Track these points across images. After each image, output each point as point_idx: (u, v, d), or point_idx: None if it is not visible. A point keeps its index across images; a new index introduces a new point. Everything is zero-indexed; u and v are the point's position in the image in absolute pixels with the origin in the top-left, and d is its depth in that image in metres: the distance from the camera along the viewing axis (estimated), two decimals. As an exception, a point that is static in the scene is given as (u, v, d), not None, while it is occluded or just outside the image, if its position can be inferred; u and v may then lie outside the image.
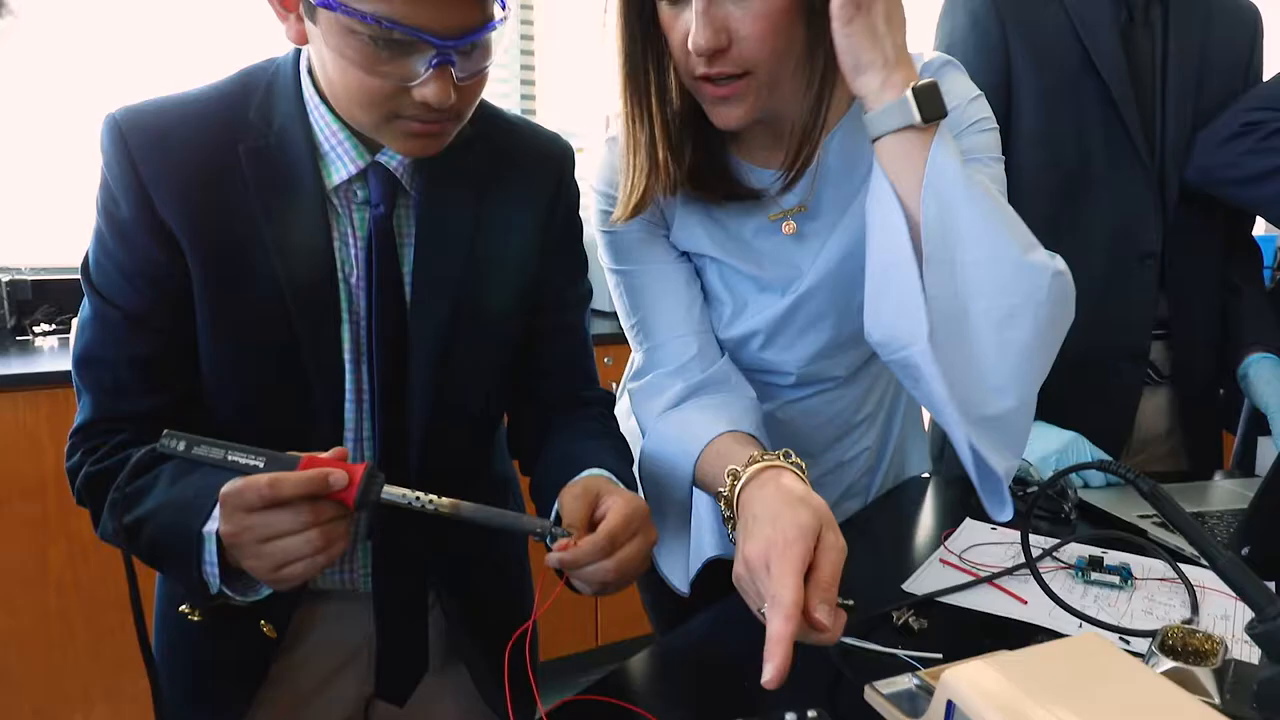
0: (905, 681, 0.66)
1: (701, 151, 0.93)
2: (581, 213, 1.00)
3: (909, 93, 0.77)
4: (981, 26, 1.30)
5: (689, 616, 0.87)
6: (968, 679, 0.55)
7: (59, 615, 1.86)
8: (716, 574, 0.96)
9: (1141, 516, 1.09)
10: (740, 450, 0.82)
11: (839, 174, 0.96)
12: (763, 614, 0.64)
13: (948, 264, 0.78)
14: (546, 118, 2.84)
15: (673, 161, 0.91)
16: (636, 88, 0.89)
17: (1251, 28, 1.40)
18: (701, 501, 1.01)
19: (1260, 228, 1.39)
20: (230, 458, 0.67)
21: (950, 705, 0.56)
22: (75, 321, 0.85)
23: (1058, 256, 0.83)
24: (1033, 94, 1.29)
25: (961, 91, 0.94)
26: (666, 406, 0.96)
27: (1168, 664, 0.67)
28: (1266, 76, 1.40)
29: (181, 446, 0.67)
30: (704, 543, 1.04)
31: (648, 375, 1.00)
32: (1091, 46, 1.28)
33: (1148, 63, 1.33)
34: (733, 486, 0.77)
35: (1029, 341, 0.78)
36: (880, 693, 0.65)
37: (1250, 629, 0.66)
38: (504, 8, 0.73)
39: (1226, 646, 0.71)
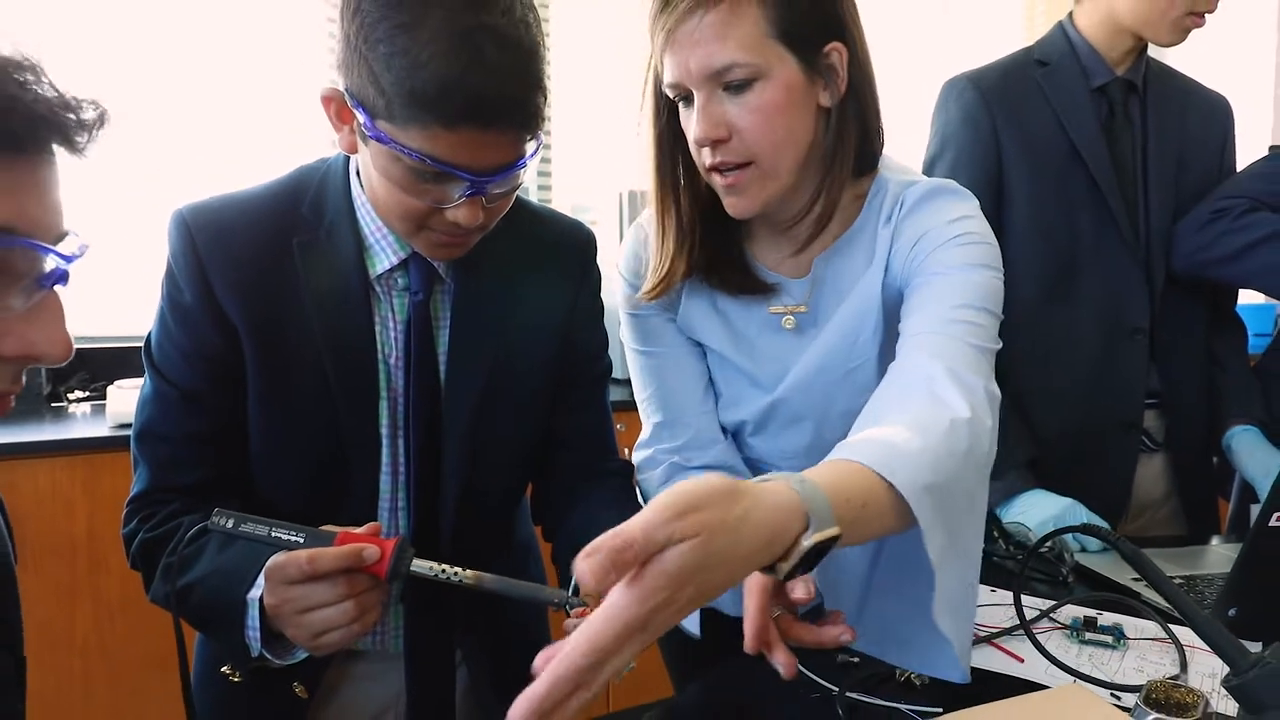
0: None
1: (720, 241, 1.02)
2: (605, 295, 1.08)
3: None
4: (973, 120, 1.40)
5: (706, 668, 0.92)
6: (958, 728, 0.60)
7: (82, 678, 1.90)
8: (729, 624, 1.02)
9: (1135, 580, 1.14)
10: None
11: (832, 286, 1.02)
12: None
13: None
14: (560, 193, 2.96)
15: (697, 247, 1.00)
16: (664, 179, 0.99)
17: (1224, 116, 1.50)
18: None
19: (1259, 298, 1.47)
20: (274, 534, 0.73)
21: (944, 754, 0.61)
22: (132, 395, 0.92)
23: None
24: (1023, 182, 1.38)
25: (943, 216, 0.95)
26: (661, 481, 1.05)
27: (1151, 716, 0.72)
28: (1240, 158, 1.50)
29: (230, 524, 0.73)
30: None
31: (651, 449, 1.09)
32: (1076, 139, 1.38)
33: (1129, 152, 1.42)
34: None
35: None
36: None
37: (1226, 683, 0.71)
38: (537, 143, 0.82)
39: (1208, 700, 0.76)
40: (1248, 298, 1.58)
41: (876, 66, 0.97)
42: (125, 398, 1.96)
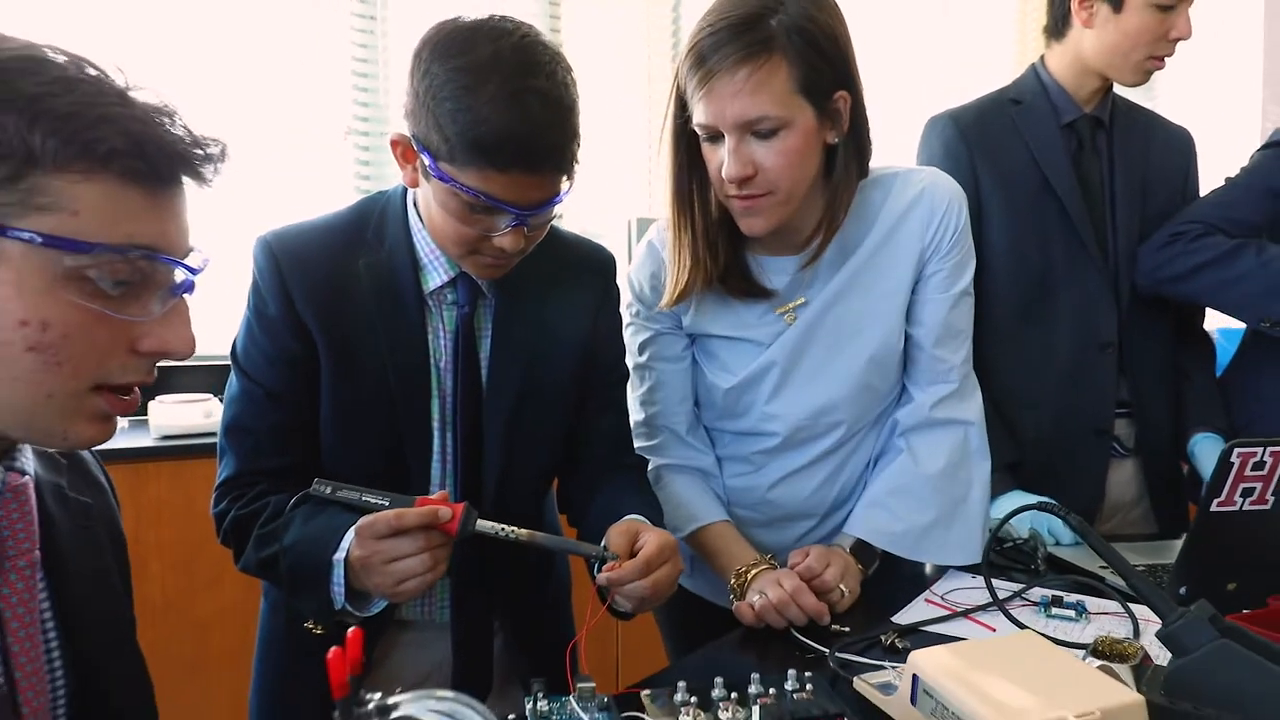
0: (884, 676, 0.84)
1: (730, 253, 1.18)
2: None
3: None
4: (953, 153, 1.54)
5: (697, 646, 1.07)
6: (926, 657, 0.74)
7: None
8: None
9: (1101, 568, 1.26)
10: (739, 549, 1.20)
11: (834, 261, 1.22)
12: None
13: None
14: (571, 220, 3.11)
15: (709, 259, 1.16)
16: (682, 202, 1.16)
17: (1186, 147, 1.65)
18: None
19: (1236, 322, 1.61)
20: (364, 499, 0.87)
21: (915, 678, 0.74)
22: (225, 394, 1.06)
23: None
24: (999, 211, 1.52)
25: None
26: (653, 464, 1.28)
27: (1096, 663, 0.85)
28: (1203, 186, 1.64)
29: (328, 491, 0.87)
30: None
31: (642, 432, 1.29)
32: (1048, 171, 1.52)
33: (1097, 183, 1.57)
34: (742, 576, 1.14)
35: None
36: (867, 683, 0.83)
37: (1159, 634, 0.84)
38: (571, 182, 0.97)
39: (1146, 652, 0.89)
40: (1225, 322, 1.70)
41: (874, 99, 1.17)
42: (167, 412, 2.10)
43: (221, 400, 1.90)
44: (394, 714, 0.45)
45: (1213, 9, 3.72)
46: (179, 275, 0.70)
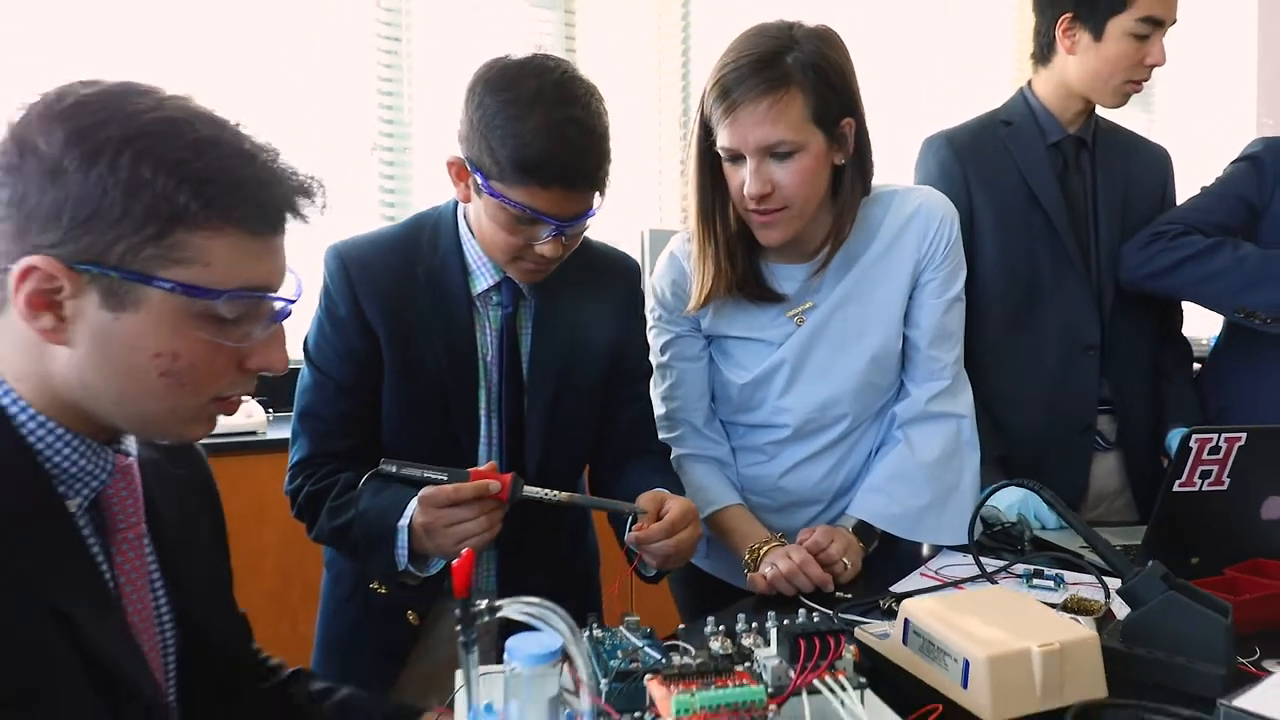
0: (881, 627, 0.97)
1: (747, 261, 1.32)
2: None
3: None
4: (947, 171, 1.67)
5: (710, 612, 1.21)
6: (916, 604, 0.86)
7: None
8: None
9: (1081, 548, 1.39)
10: (752, 528, 1.33)
11: (840, 269, 1.35)
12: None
13: None
14: (591, 229, 3.25)
15: (729, 267, 1.30)
16: (706, 215, 1.31)
17: (1164, 165, 1.78)
18: None
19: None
20: (425, 474, 1.00)
21: (906, 622, 0.86)
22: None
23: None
24: (990, 225, 1.65)
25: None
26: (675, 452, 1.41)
27: (1066, 615, 0.97)
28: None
29: (394, 469, 1.01)
30: None
31: (663, 425, 1.41)
32: (1035, 188, 1.65)
33: (1080, 198, 1.70)
34: (755, 552, 1.27)
35: None
36: (867, 632, 0.96)
37: (1118, 590, 0.97)
38: (603, 198, 1.11)
39: (1110, 609, 1.02)
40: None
41: (875, 121, 1.32)
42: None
43: (257, 401, 2.05)
44: (498, 613, 0.58)
45: (1208, 25, 3.87)
46: (278, 305, 0.79)
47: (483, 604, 0.58)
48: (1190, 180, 1.79)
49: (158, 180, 0.67)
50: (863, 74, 1.29)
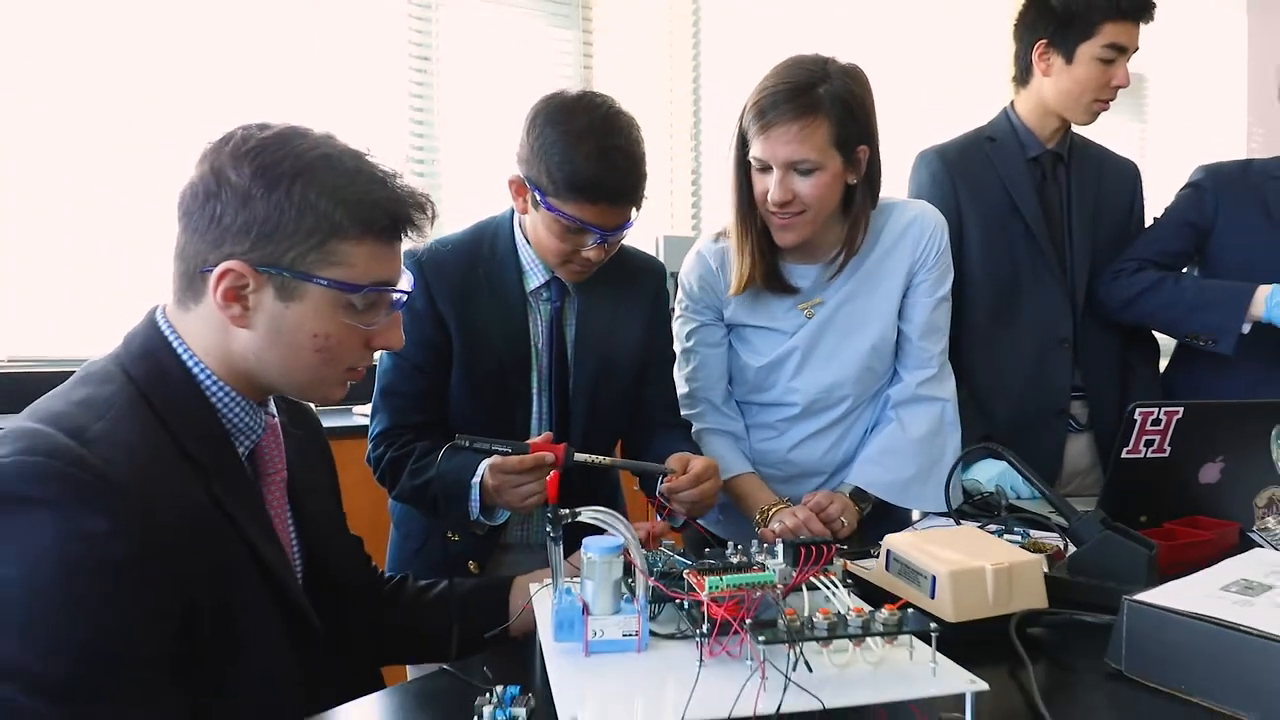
0: (868, 564, 1.17)
1: (771, 258, 1.54)
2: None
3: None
4: (938, 182, 1.88)
5: None
6: (896, 537, 1.07)
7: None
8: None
9: (1050, 513, 1.59)
10: (763, 493, 1.53)
11: (846, 270, 1.56)
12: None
13: None
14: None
15: (760, 260, 1.52)
16: (744, 215, 1.52)
17: (1133, 179, 1.99)
18: None
19: None
20: (495, 447, 1.21)
21: (888, 551, 1.07)
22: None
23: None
24: (976, 230, 1.86)
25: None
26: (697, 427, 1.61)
27: (1016, 547, 1.18)
28: (1148, 210, 1.99)
29: (467, 443, 1.21)
30: None
31: (686, 403, 1.62)
32: (1016, 198, 1.86)
33: (1057, 207, 1.90)
34: (765, 513, 1.47)
35: None
36: (856, 565, 1.16)
37: (1065, 531, 1.17)
38: (639, 211, 1.32)
39: (1061, 549, 1.22)
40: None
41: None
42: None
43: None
44: (578, 517, 0.79)
45: (1199, 37, 4.07)
46: (397, 296, 0.98)
47: (565, 511, 0.79)
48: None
49: (320, 203, 0.88)
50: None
